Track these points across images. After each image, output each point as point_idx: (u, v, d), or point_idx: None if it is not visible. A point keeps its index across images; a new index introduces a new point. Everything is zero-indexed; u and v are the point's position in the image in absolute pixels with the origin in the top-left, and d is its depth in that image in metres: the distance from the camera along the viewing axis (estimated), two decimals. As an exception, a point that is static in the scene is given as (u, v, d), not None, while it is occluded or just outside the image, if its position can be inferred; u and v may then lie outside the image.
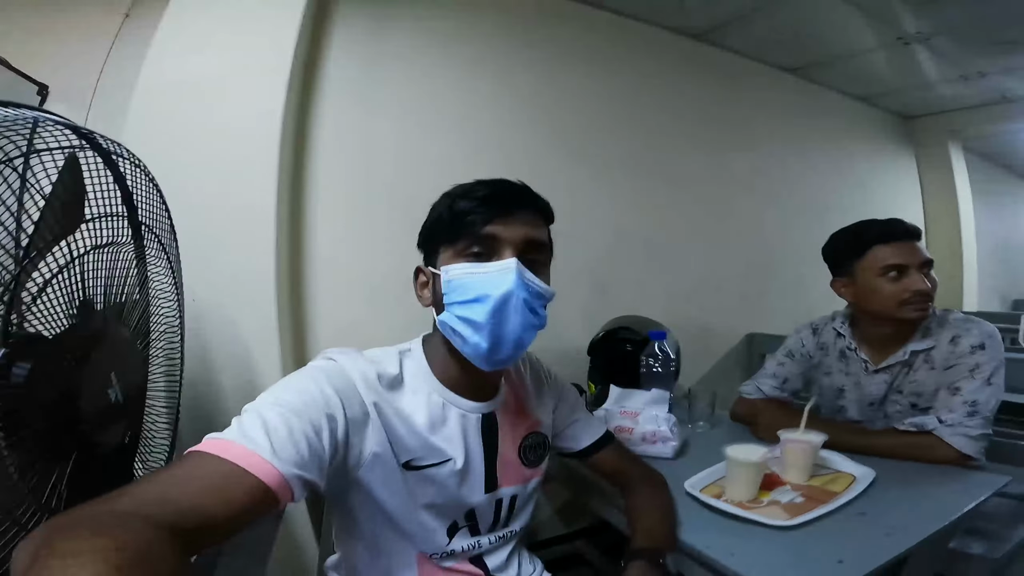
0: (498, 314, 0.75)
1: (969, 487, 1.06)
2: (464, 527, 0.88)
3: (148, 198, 0.79)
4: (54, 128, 0.57)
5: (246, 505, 0.55)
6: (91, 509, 0.43)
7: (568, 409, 1.06)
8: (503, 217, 0.77)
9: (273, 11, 1.47)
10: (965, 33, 2.41)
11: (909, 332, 1.32)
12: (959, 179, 3.68)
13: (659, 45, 2.39)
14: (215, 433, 0.60)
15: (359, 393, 0.75)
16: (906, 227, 1.31)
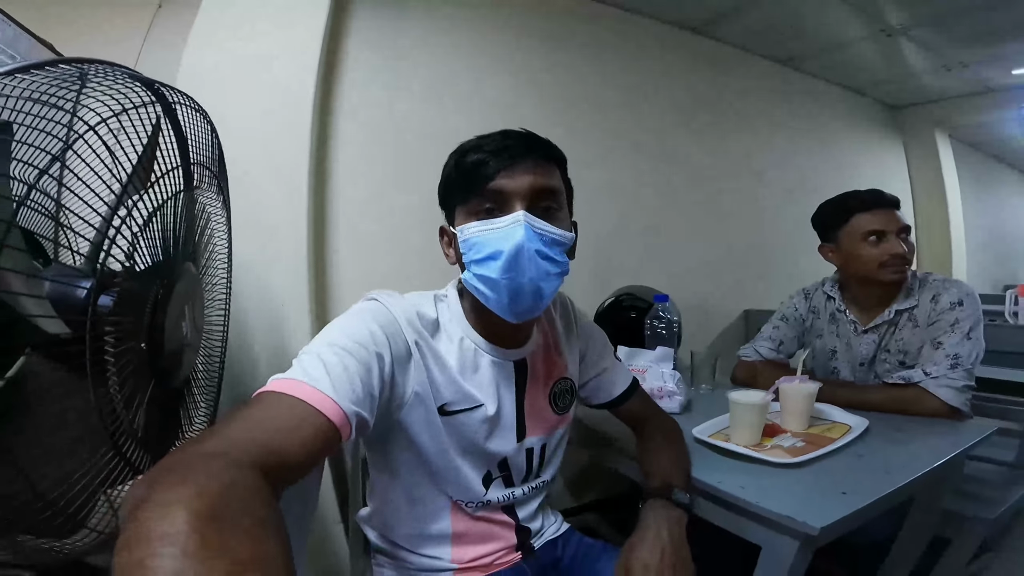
0: (512, 268, 0.74)
1: (959, 434, 1.13)
2: (498, 477, 0.89)
3: (215, 150, 0.85)
4: (133, 84, 0.63)
5: (318, 442, 0.57)
6: (185, 453, 0.44)
7: (597, 356, 1.05)
8: (508, 169, 0.76)
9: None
10: (946, 24, 2.48)
11: (893, 293, 1.41)
12: (946, 168, 3.74)
13: (659, 37, 2.48)
14: (279, 374, 0.62)
15: (402, 332, 0.77)
16: (885, 196, 1.39)
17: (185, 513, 0.34)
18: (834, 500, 0.83)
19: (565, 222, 0.82)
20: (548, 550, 0.98)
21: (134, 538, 0.33)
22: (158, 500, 0.35)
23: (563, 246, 0.80)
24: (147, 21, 1.51)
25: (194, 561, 0.31)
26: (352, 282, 1.68)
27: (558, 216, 0.80)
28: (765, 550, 0.84)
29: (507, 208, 0.76)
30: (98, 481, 0.60)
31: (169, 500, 0.35)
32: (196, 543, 0.32)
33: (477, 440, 0.84)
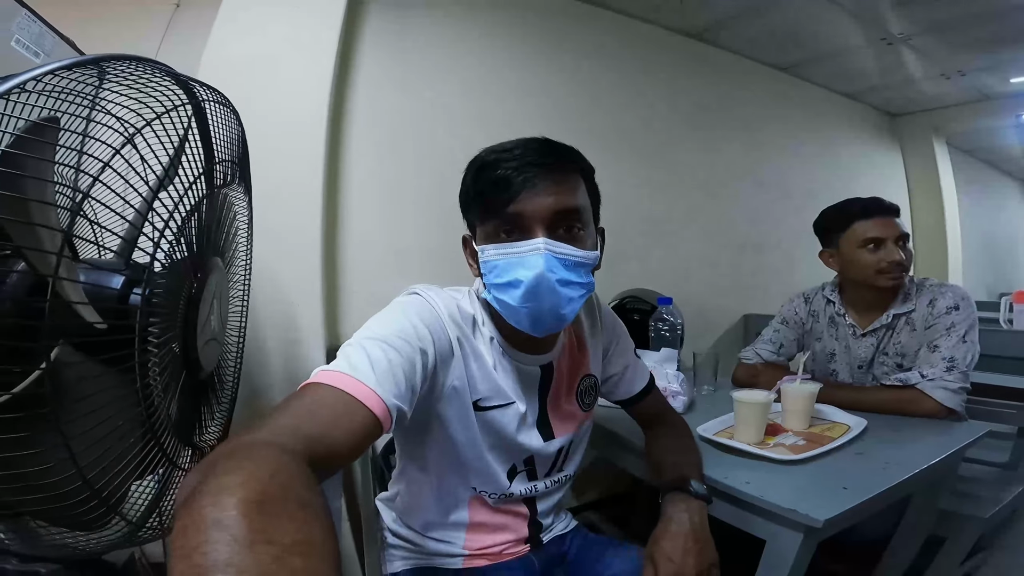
0: (532, 298, 0.73)
1: (954, 434, 1.17)
2: (523, 471, 0.91)
3: (242, 147, 0.87)
4: (171, 82, 0.65)
5: (362, 434, 0.59)
6: (236, 443, 0.46)
7: (621, 352, 1.04)
8: (528, 191, 0.73)
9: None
10: (945, 33, 2.51)
11: (891, 297, 1.45)
12: (943, 174, 3.76)
13: (661, 43, 2.52)
14: (325, 365, 0.64)
15: (445, 328, 0.77)
16: (884, 204, 1.43)
17: (235, 500, 0.35)
18: (836, 495, 0.86)
19: (590, 239, 0.80)
20: (556, 544, 1.00)
21: (190, 525, 0.34)
22: (211, 488, 0.37)
23: (587, 267, 0.78)
24: (165, 20, 1.54)
25: (242, 546, 0.33)
26: (362, 281, 1.71)
27: (581, 236, 0.78)
28: (770, 544, 0.87)
29: (527, 232, 0.74)
30: (136, 469, 0.63)
31: (220, 487, 0.36)
32: (244, 528, 0.34)
33: (507, 436, 0.85)
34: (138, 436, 0.61)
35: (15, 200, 0.49)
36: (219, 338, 0.84)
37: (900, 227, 1.41)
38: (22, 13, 0.84)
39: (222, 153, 0.77)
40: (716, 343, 2.61)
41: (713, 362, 1.62)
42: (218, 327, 0.81)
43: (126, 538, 0.68)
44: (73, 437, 0.52)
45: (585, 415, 0.97)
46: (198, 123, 0.69)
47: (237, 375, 1.01)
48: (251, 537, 0.33)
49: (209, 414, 0.91)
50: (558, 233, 0.75)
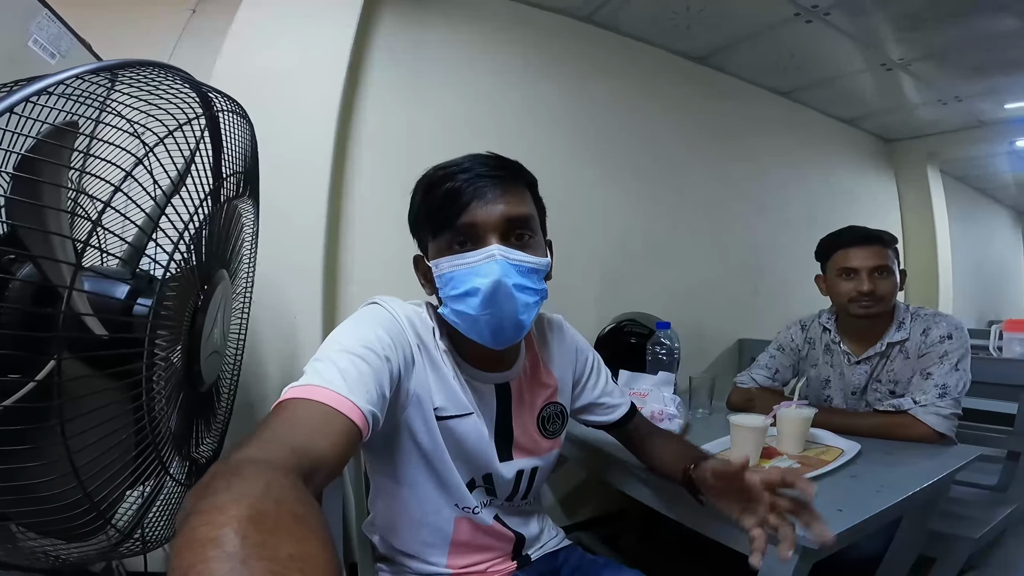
0: (490, 304, 0.74)
1: (945, 458, 1.18)
2: (480, 487, 0.91)
3: (254, 159, 0.88)
4: (188, 90, 0.66)
5: (344, 442, 0.59)
6: (228, 463, 0.45)
7: (595, 378, 1.05)
8: (478, 201, 0.75)
9: (333, 7, 1.61)
10: (943, 58, 2.54)
11: (885, 326, 1.47)
12: (936, 200, 3.79)
13: (667, 66, 2.56)
14: (294, 383, 0.63)
15: (406, 335, 0.79)
16: (863, 234, 1.46)
17: (229, 518, 0.35)
18: (831, 516, 0.86)
19: (540, 247, 0.81)
20: (547, 561, 1.00)
21: (185, 544, 0.34)
22: (204, 507, 0.37)
23: (540, 273, 0.79)
24: (180, 26, 1.54)
25: (238, 563, 0.33)
26: (362, 296, 1.67)
27: (532, 243, 0.79)
28: (765, 564, 0.87)
29: (480, 241, 0.76)
30: (134, 481, 0.63)
31: (214, 506, 0.36)
32: (239, 545, 0.33)
33: (468, 446, 0.86)
34: (140, 448, 0.61)
35: (32, 207, 0.50)
36: (221, 351, 0.85)
37: (880, 257, 1.43)
38: (43, 13, 0.84)
39: (235, 165, 0.78)
40: (711, 366, 2.61)
41: (709, 386, 1.63)
42: (220, 340, 0.81)
43: (110, 550, 0.67)
44: (77, 450, 0.52)
45: (551, 443, 0.96)
46: (212, 133, 0.70)
47: (234, 388, 1.01)
48: (246, 553, 0.33)
49: (206, 427, 0.91)
50: (510, 241, 0.77)
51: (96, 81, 0.58)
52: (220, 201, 0.74)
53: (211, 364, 0.77)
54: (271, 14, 1.51)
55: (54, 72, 0.53)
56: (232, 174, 0.80)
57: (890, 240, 1.47)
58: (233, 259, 0.86)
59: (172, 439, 0.69)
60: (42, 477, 0.53)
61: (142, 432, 0.60)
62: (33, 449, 0.53)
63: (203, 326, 0.70)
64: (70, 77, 0.53)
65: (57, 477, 0.54)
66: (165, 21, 1.55)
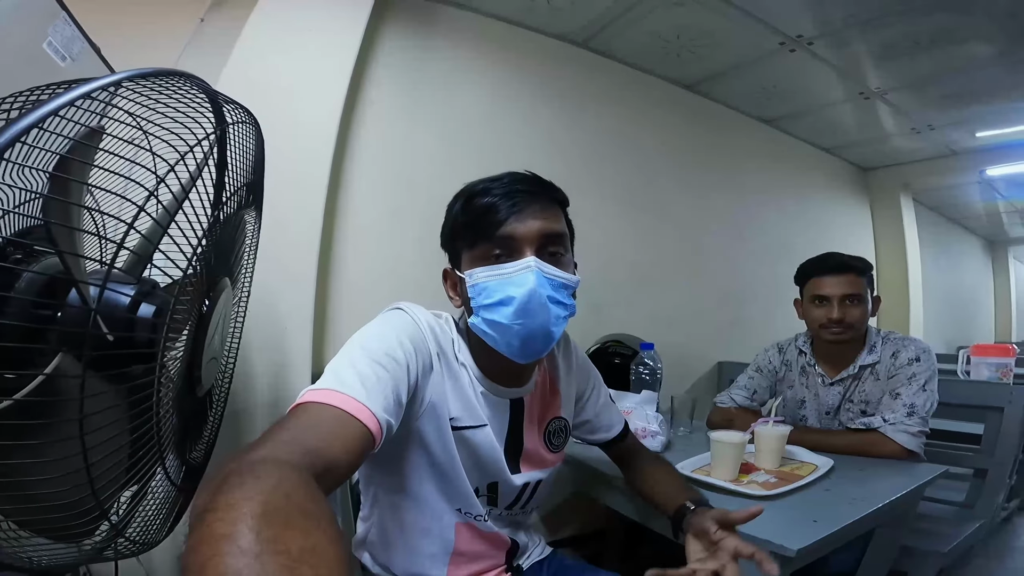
0: (524, 314, 0.76)
1: (914, 473, 1.24)
2: (484, 496, 0.92)
3: (262, 169, 0.90)
4: (204, 100, 0.68)
5: (358, 448, 0.60)
6: (240, 461, 0.46)
7: (595, 396, 1.08)
8: (517, 214, 0.78)
9: (338, 24, 1.64)
10: (918, 88, 2.65)
11: (858, 349, 1.54)
12: (908, 229, 3.90)
13: (658, 93, 2.63)
14: (312, 385, 0.65)
15: (427, 343, 0.80)
16: (836, 263, 1.52)
17: (242, 514, 0.37)
18: (807, 527, 0.91)
19: (570, 265, 0.85)
20: (535, 570, 1.02)
21: (201, 540, 0.36)
22: (218, 504, 0.38)
23: (570, 289, 0.82)
24: (187, 34, 1.55)
25: (252, 557, 0.34)
26: (354, 310, 1.74)
27: (564, 260, 0.82)
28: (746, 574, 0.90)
29: (516, 254, 0.78)
30: (137, 479, 0.64)
31: (227, 503, 0.38)
32: (252, 540, 0.35)
33: (481, 456, 0.87)
34: (146, 449, 0.63)
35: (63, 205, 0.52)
36: (219, 357, 0.86)
37: (852, 286, 1.49)
38: (61, 15, 0.84)
39: (243, 175, 0.80)
40: (692, 387, 2.66)
41: (690, 405, 1.68)
42: (219, 346, 0.82)
43: (99, 550, 0.67)
44: (91, 447, 0.53)
45: (555, 457, 0.99)
46: (223, 144, 0.73)
47: (226, 394, 1.02)
48: (259, 548, 0.34)
49: (197, 431, 0.91)
50: (544, 256, 0.80)
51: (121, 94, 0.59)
52: (232, 209, 0.77)
53: (210, 370, 0.78)
54: (279, 26, 1.54)
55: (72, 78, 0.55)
56: (243, 185, 0.82)
57: (864, 268, 1.53)
58: (236, 267, 0.88)
59: (173, 441, 0.70)
60: (50, 474, 0.54)
61: (148, 434, 0.62)
62: (39, 446, 0.53)
63: (207, 331, 0.72)
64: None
65: (64, 475, 0.54)
66: (173, 29, 1.55)
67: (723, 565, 0.73)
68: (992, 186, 4.24)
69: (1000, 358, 2.30)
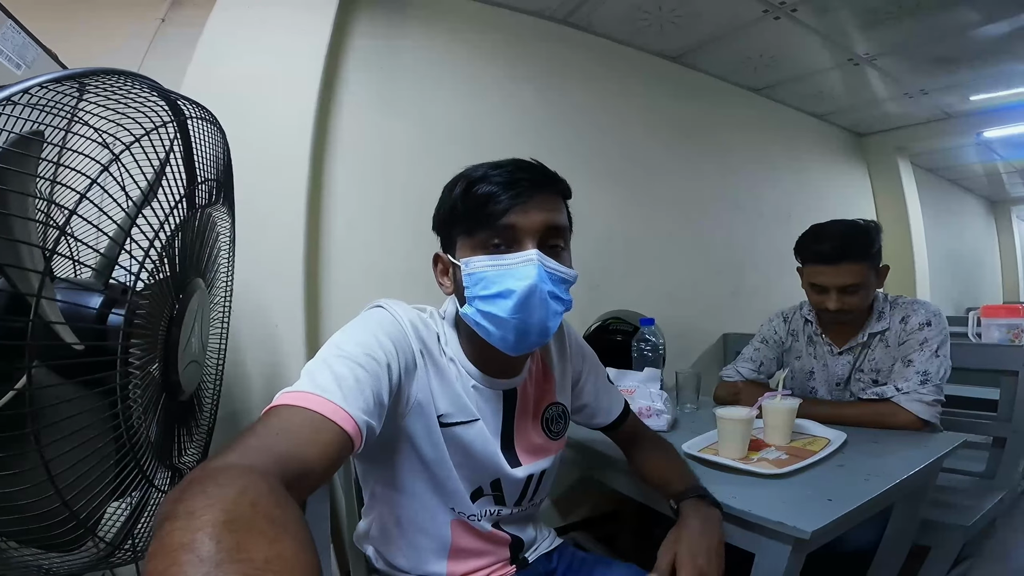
0: (523, 309, 0.74)
1: (931, 445, 1.19)
2: (489, 495, 0.89)
3: (227, 166, 0.86)
4: (157, 98, 0.65)
5: (334, 452, 0.58)
6: (205, 469, 0.44)
7: (593, 379, 1.05)
8: (522, 205, 0.74)
9: (305, 17, 1.60)
10: (907, 52, 2.61)
11: (866, 317, 1.48)
12: (908, 192, 3.87)
13: (642, 66, 2.57)
14: (288, 388, 0.62)
15: (409, 341, 0.77)
16: (832, 251, 1.38)
17: (203, 522, 0.35)
18: (821, 506, 0.87)
19: (569, 259, 0.82)
20: (543, 562, 0.99)
21: (158, 550, 0.34)
22: (180, 512, 0.36)
23: (568, 284, 0.80)
24: (149, 35, 1.51)
25: (211, 567, 0.33)
26: (345, 303, 1.70)
27: (564, 254, 0.80)
28: (759, 557, 0.87)
29: (517, 245, 0.75)
30: (114, 491, 0.61)
31: (189, 511, 0.36)
32: (213, 550, 0.33)
33: (474, 453, 0.84)
34: (118, 458, 0.60)
35: None
36: (200, 360, 0.83)
37: (850, 276, 1.37)
38: (7, 23, 0.83)
39: (207, 172, 0.77)
40: (696, 362, 2.63)
41: (694, 381, 1.64)
42: (199, 349, 0.79)
43: (100, 560, 0.67)
44: (52, 458, 0.51)
45: (556, 444, 0.96)
46: (183, 141, 0.69)
47: (216, 397, 0.99)
48: (220, 557, 0.33)
49: (188, 436, 0.89)
50: (545, 249, 0.76)
51: (63, 91, 0.57)
52: (193, 209, 0.73)
53: (190, 374, 0.75)
54: (242, 23, 1.50)
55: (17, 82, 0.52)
56: (204, 181, 0.78)
57: (865, 249, 1.38)
58: (209, 268, 0.84)
59: (152, 449, 0.67)
60: (17, 485, 0.52)
61: (120, 441, 0.59)
62: (9, 458, 0.51)
63: (179, 336, 0.68)
64: (33, 86, 0.52)
65: (33, 485, 0.53)
66: (134, 31, 1.51)
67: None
68: (990, 147, 4.21)
69: (1011, 319, 2.26)
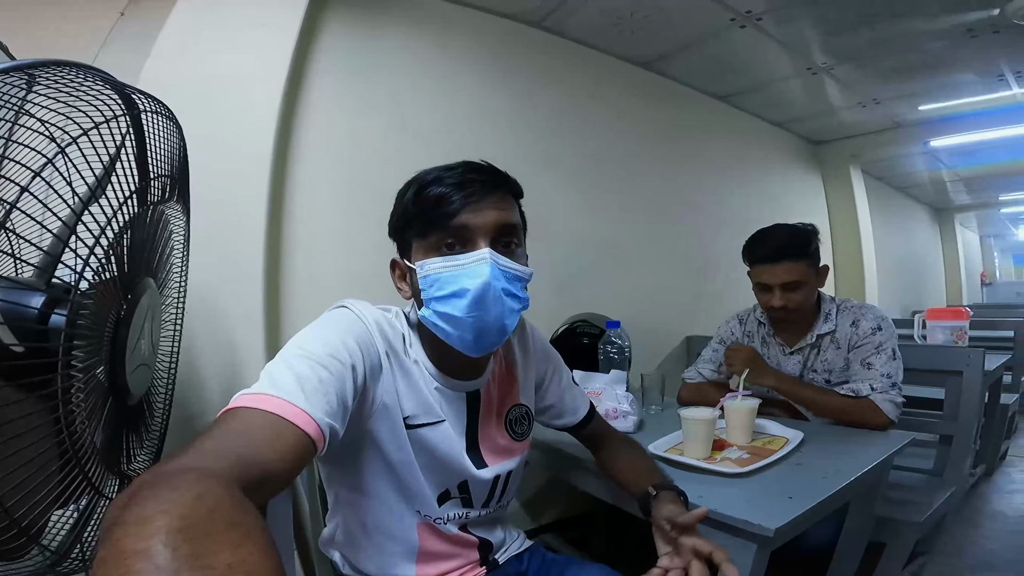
0: (478, 307, 0.74)
1: (882, 443, 1.24)
2: (456, 497, 0.88)
3: (182, 162, 0.83)
4: (108, 90, 0.62)
5: (296, 455, 0.56)
6: (156, 472, 0.42)
7: (557, 380, 1.05)
8: (473, 205, 0.75)
9: (273, 12, 1.55)
10: (861, 62, 2.72)
11: (812, 319, 1.54)
12: (859, 199, 4.04)
13: (614, 71, 2.59)
14: (246, 389, 0.60)
15: (375, 342, 0.76)
16: (771, 251, 1.48)
17: (156, 528, 0.33)
18: (783, 504, 0.89)
19: (524, 257, 0.82)
20: (513, 564, 0.99)
21: (109, 557, 0.32)
22: (130, 518, 0.34)
23: (524, 282, 0.80)
24: (106, 29, 1.45)
25: (168, 574, 0.31)
26: (310, 305, 1.61)
27: (517, 252, 0.80)
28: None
29: (470, 245, 0.76)
30: (58, 498, 0.57)
31: (141, 517, 0.34)
32: (169, 557, 0.31)
33: (440, 455, 0.84)
34: (61, 463, 0.56)
35: None
36: (150, 363, 0.79)
37: (790, 273, 1.45)
38: None
39: (160, 167, 0.73)
40: (661, 364, 2.66)
41: (660, 383, 1.66)
42: (149, 351, 0.75)
43: (47, 569, 0.63)
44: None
45: (521, 445, 0.96)
46: (135, 135, 0.65)
47: (169, 401, 0.95)
48: (177, 565, 0.31)
49: (138, 442, 0.85)
50: (498, 247, 0.77)
51: (11, 82, 0.54)
52: (145, 205, 0.69)
53: (139, 377, 0.72)
54: (206, 18, 1.44)
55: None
56: (158, 177, 0.75)
57: (800, 251, 1.47)
58: (161, 267, 0.80)
59: (98, 454, 0.63)
60: None
61: (63, 447, 0.55)
62: None
63: (127, 338, 0.65)
64: None
65: None
66: (91, 25, 1.45)
67: (688, 563, 0.72)
68: (936, 156, 4.43)
69: (955, 321, 2.36)
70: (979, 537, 1.94)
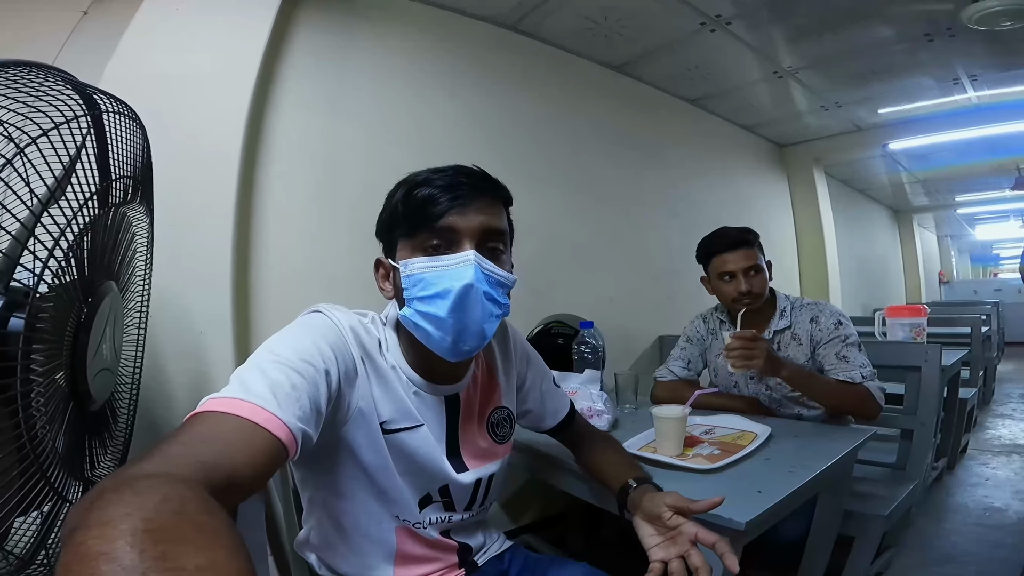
0: (459, 308, 0.74)
1: (845, 437, 1.27)
2: (438, 502, 0.88)
3: (145, 163, 0.81)
4: (68, 89, 0.60)
5: (266, 460, 0.55)
6: (120, 476, 0.41)
7: (539, 382, 1.05)
8: (460, 207, 0.75)
9: (242, 12, 1.52)
10: (825, 67, 2.79)
11: (769, 315, 1.60)
12: (822, 201, 4.14)
13: (587, 74, 2.61)
14: (215, 393, 0.59)
15: (349, 347, 0.75)
16: (736, 239, 1.57)
17: (120, 531, 0.32)
18: (753, 498, 0.91)
19: (508, 264, 0.82)
20: (494, 564, 0.98)
21: (73, 560, 0.31)
22: (94, 521, 0.33)
23: (507, 288, 0.80)
24: (68, 28, 1.41)
25: (135, 575, 0.30)
26: (283, 309, 1.59)
27: (503, 258, 0.80)
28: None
29: (456, 247, 0.76)
30: (19, 504, 0.56)
31: (104, 520, 0.33)
32: (136, 559, 0.31)
33: (419, 459, 0.83)
34: (21, 469, 0.54)
35: None
36: (112, 368, 0.77)
37: (750, 258, 1.55)
38: None
39: (122, 168, 0.71)
40: (635, 364, 2.68)
41: (633, 382, 1.68)
42: (111, 356, 0.73)
43: (12, 575, 0.61)
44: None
45: (503, 448, 0.96)
46: (96, 135, 0.64)
47: (133, 407, 0.93)
48: (145, 566, 0.30)
49: (101, 447, 0.83)
50: (484, 251, 0.77)
51: None
52: (106, 207, 0.67)
53: (101, 382, 0.69)
54: (173, 16, 1.41)
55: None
56: (120, 178, 0.73)
57: (754, 240, 1.58)
58: (123, 270, 0.78)
59: (60, 460, 0.62)
60: None
61: (23, 452, 0.54)
62: None
63: (88, 342, 0.63)
64: None
65: None
66: (53, 24, 1.41)
67: (687, 551, 0.73)
68: (895, 159, 4.58)
69: (913, 318, 2.43)
70: (943, 531, 2.01)
